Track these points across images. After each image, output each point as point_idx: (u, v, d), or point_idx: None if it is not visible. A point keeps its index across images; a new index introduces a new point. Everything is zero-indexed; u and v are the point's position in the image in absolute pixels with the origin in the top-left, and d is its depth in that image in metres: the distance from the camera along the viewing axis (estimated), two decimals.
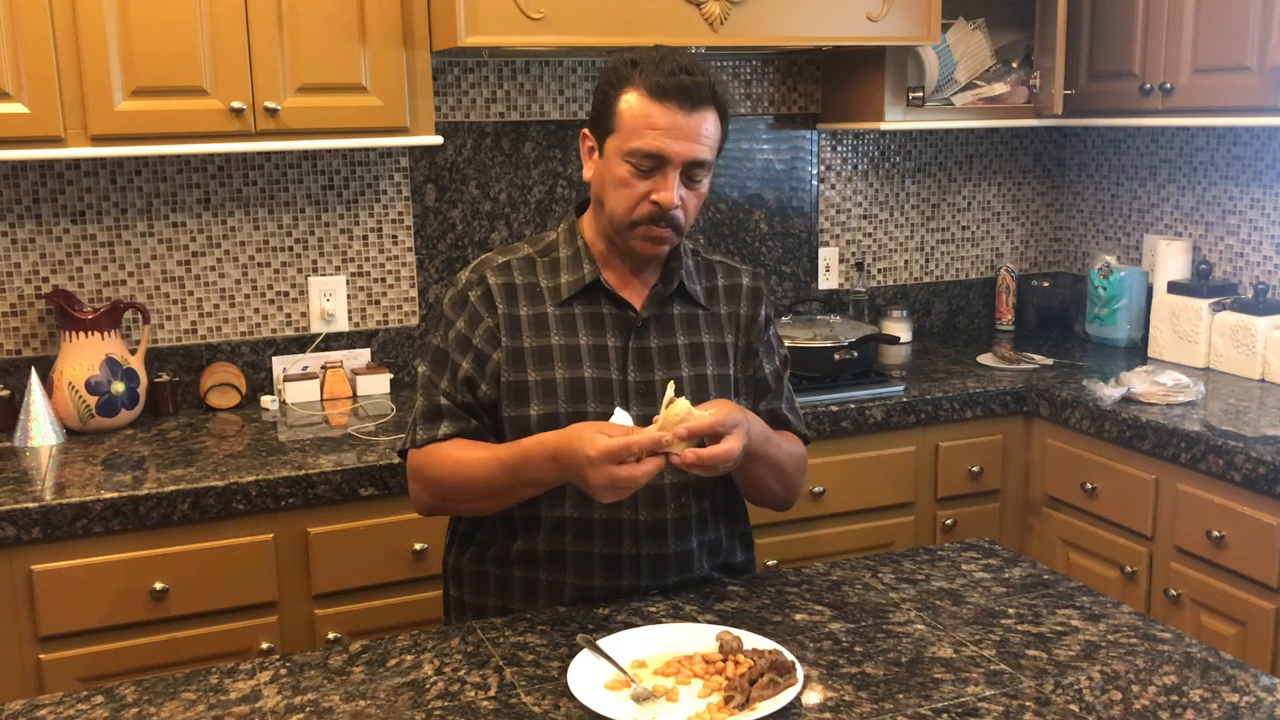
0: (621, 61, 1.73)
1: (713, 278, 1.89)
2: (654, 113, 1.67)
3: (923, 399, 2.82)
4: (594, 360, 1.75)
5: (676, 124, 1.67)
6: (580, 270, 1.79)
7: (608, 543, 1.75)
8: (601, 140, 1.74)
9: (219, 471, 2.30)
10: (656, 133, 1.67)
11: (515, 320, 1.77)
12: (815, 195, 3.40)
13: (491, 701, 1.43)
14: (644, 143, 1.67)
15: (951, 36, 3.16)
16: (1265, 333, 2.86)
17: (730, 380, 1.84)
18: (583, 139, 1.80)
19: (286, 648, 2.33)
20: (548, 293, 1.79)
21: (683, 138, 1.68)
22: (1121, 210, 3.52)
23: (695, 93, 1.67)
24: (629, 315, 1.79)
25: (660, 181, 1.69)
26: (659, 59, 1.69)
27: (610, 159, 1.72)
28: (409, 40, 2.56)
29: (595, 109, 1.76)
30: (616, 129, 1.70)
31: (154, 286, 2.79)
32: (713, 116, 1.71)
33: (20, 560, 2.14)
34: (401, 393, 2.90)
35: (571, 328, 1.77)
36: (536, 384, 1.73)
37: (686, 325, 1.82)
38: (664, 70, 1.67)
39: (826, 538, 2.79)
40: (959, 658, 1.52)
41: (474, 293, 1.79)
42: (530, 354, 1.75)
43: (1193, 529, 2.48)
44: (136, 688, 1.48)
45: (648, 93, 1.67)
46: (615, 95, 1.71)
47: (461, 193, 3.02)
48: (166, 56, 2.38)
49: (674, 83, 1.66)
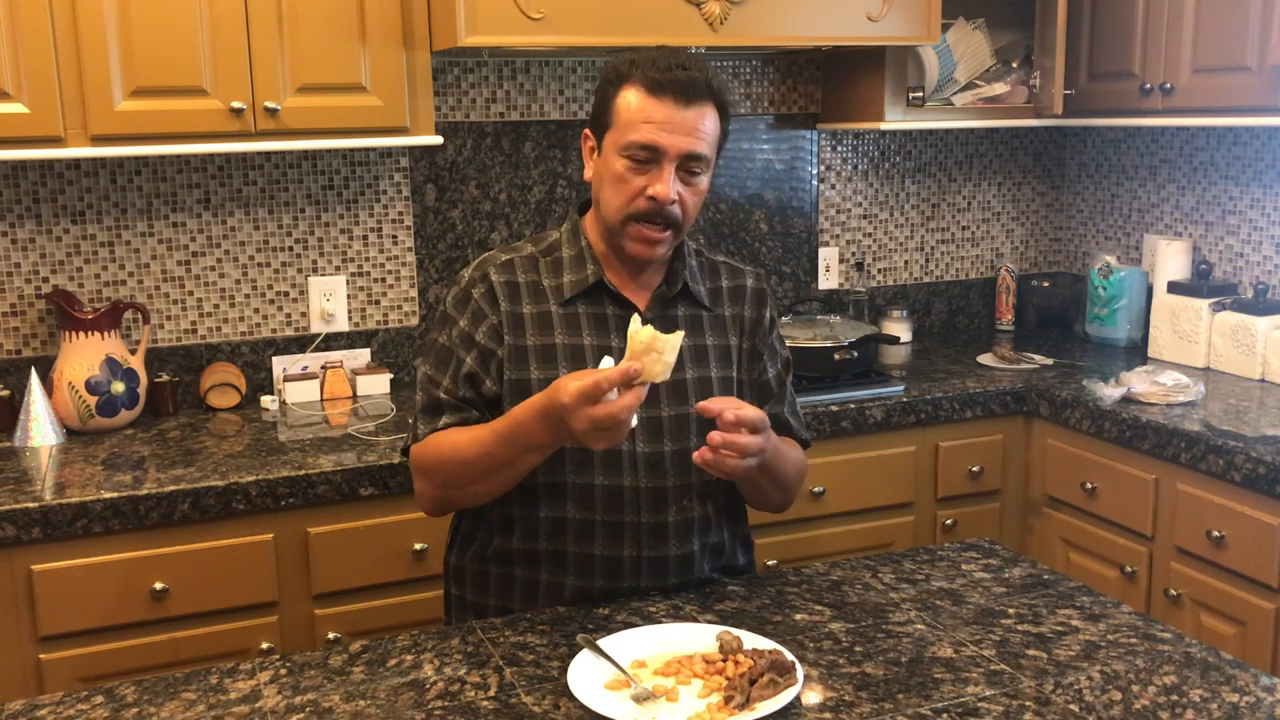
0: (621, 60, 1.74)
1: (717, 279, 1.89)
2: (650, 106, 1.68)
3: (923, 399, 2.82)
4: (597, 360, 1.74)
5: (672, 118, 1.67)
6: (584, 270, 1.79)
7: (609, 545, 1.75)
8: (600, 138, 1.75)
9: (219, 471, 2.30)
10: (652, 126, 1.67)
11: (519, 318, 1.77)
12: (815, 195, 3.40)
13: (491, 701, 1.43)
14: (639, 135, 1.68)
15: (951, 36, 3.16)
16: (1265, 333, 2.86)
17: (734, 383, 1.83)
18: (584, 139, 1.80)
19: (286, 648, 2.33)
20: (550, 291, 1.79)
21: (678, 131, 1.68)
22: (1121, 210, 3.52)
23: (691, 87, 1.68)
24: (633, 315, 1.78)
25: (656, 175, 1.69)
26: (657, 56, 1.70)
27: (608, 155, 1.73)
28: (409, 40, 2.56)
29: (595, 108, 1.77)
30: (614, 124, 1.71)
31: (154, 286, 2.79)
32: (711, 112, 1.71)
33: (20, 560, 2.14)
34: (401, 393, 2.90)
35: (575, 327, 1.77)
36: (539, 382, 1.73)
37: (690, 327, 1.82)
38: (660, 66, 1.68)
39: (826, 538, 2.79)
40: (959, 658, 1.52)
41: (477, 290, 1.79)
42: (534, 352, 1.75)
43: (1193, 529, 2.48)
44: (136, 688, 1.48)
45: (644, 87, 1.68)
46: (613, 92, 1.72)
47: (461, 193, 3.02)
48: (166, 56, 2.38)
49: (670, 77, 1.67)
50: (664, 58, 1.70)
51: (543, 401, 1.59)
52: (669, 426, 1.76)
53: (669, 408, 1.76)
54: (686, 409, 1.76)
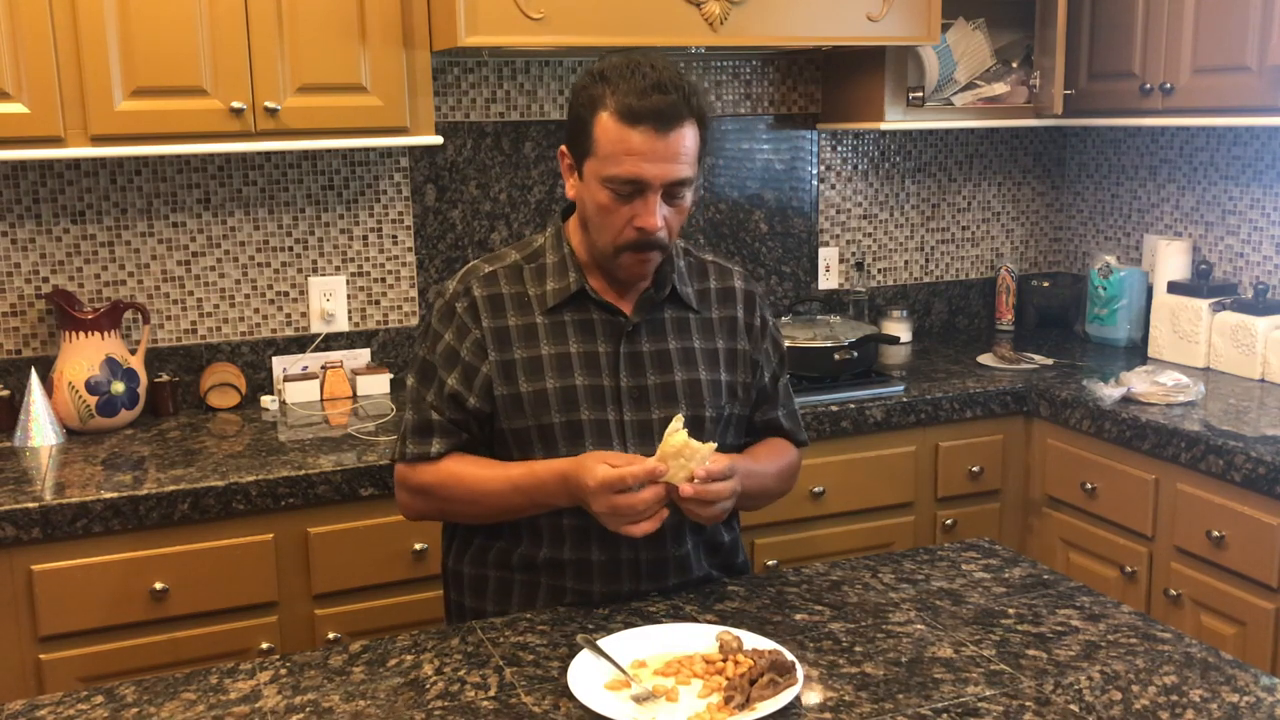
0: (591, 78, 1.68)
1: (705, 279, 1.87)
2: (629, 137, 1.63)
3: (923, 399, 2.82)
4: (585, 367, 1.75)
5: (653, 148, 1.63)
6: (566, 279, 1.77)
7: (606, 549, 1.75)
8: (579, 161, 1.71)
9: (219, 471, 2.30)
10: (633, 158, 1.63)
11: (503, 332, 1.76)
12: (815, 195, 3.40)
13: (491, 701, 1.43)
14: (621, 169, 1.64)
15: (951, 36, 3.16)
16: (1265, 333, 2.86)
17: (721, 385, 1.82)
18: (561, 156, 1.77)
19: (286, 648, 2.33)
20: (535, 301, 1.78)
21: (660, 159, 1.64)
22: (1121, 210, 3.52)
23: (669, 111, 1.63)
24: (619, 320, 1.77)
25: (641, 206, 1.66)
26: (629, 73, 1.64)
27: (589, 183, 1.69)
28: (409, 40, 2.56)
29: (571, 129, 1.72)
30: (593, 153, 1.67)
31: (154, 286, 2.79)
32: (690, 130, 1.67)
33: (20, 560, 2.14)
34: (401, 393, 2.89)
35: (561, 336, 1.76)
36: (529, 395, 1.73)
37: (678, 329, 1.81)
38: (635, 89, 1.62)
39: (826, 538, 2.79)
40: (959, 658, 1.52)
41: (460, 304, 1.78)
42: (521, 365, 1.75)
43: (1193, 529, 2.48)
44: (136, 688, 1.48)
45: (620, 116, 1.63)
46: (589, 117, 1.66)
47: (461, 193, 3.02)
48: (166, 56, 2.38)
49: (647, 105, 1.62)
50: (637, 76, 1.63)
51: (568, 470, 1.63)
52: (659, 430, 1.73)
53: (659, 410, 1.76)
54: (676, 412, 1.74)
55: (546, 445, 1.74)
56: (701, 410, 1.78)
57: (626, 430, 1.75)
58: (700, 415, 1.78)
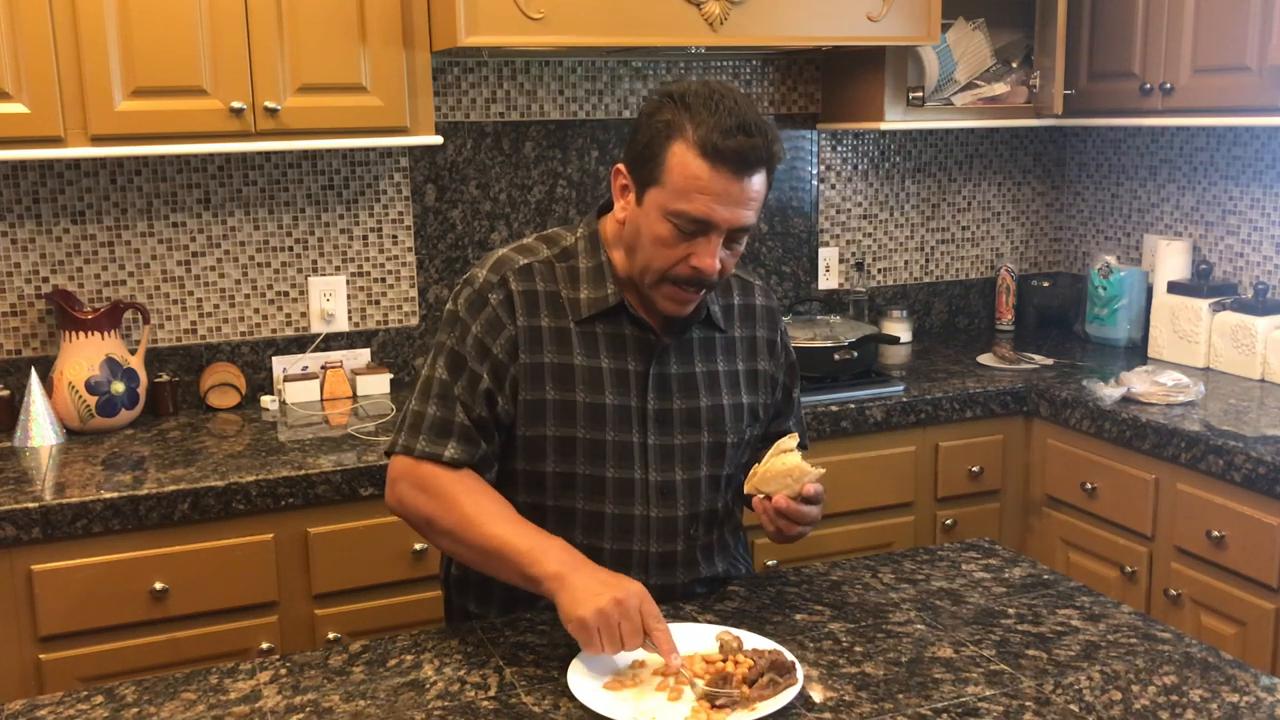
0: (671, 103, 1.58)
1: (729, 294, 1.81)
2: (706, 176, 1.54)
3: (923, 399, 2.82)
4: (615, 386, 1.67)
5: (729, 191, 1.55)
6: (603, 289, 1.67)
7: (618, 539, 1.70)
8: (641, 187, 1.61)
9: (219, 471, 2.30)
10: (706, 198, 1.55)
11: (536, 332, 1.66)
12: (815, 195, 3.40)
13: (491, 701, 1.43)
14: (692, 206, 1.55)
15: (951, 36, 3.16)
16: (1265, 333, 2.86)
17: (744, 409, 1.77)
18: (615, 174, 1.65)
19: (286, 648, 2.33)
20: (569, 305, 1.68)
21: (733, 204, 1.56)
22: (1121, 210, 3.52)
23: (751, 155, 1.55)
24: (650, 338, 1.70)
25: (703, 246, 1.58)
26: (714, 106, 1.54)
27: (650, 212, 1.59)
28: (409, 40, 2.56)
29: (638, 152, 1.60)
30: (662, 183, 1.57)
31: (154, 286, 2.79)
32: (763, 176, 1.60)
33: (20, 560, 2.14)
34: (401, 393, 2.90)
35: (593, 347, 1.68)
36: (555, 404, 1.66)
37: (704, 351, 1.75)
38: (721, 126, 1.53)
39: (826, 538, 2.79)
40: (959, 658, 1.52)
41: (494, 295, 1.66)
42: (550, 370, 1.65)
43: (1193, 529, 2.48)
44: (136, 688, 1.48)
45: (701, 152, 1.54)
46: (663, 145, 1.56)
47: (461, 193, 3.02)
48: (166, 56, 2.38)
49: (731, 145, 1.53)
50: (724, 113, 1.54)
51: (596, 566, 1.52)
52: (680, 455, 1.71)
53: (682, 436, 1.71)
54: (699, 438, 1.72)
55: (563, 457, 1.67)
56: (723, 437, 1.74)
57: (650, 454, 1.69)
58: (721, 442, 1.74)
